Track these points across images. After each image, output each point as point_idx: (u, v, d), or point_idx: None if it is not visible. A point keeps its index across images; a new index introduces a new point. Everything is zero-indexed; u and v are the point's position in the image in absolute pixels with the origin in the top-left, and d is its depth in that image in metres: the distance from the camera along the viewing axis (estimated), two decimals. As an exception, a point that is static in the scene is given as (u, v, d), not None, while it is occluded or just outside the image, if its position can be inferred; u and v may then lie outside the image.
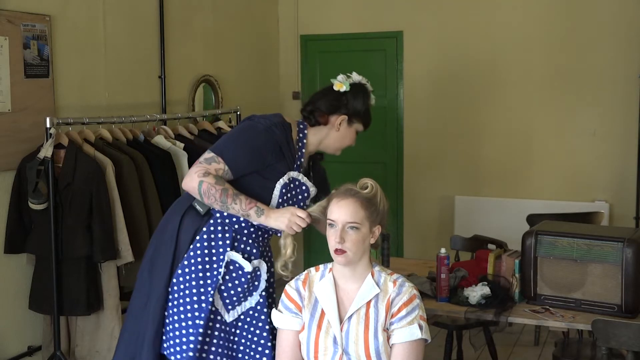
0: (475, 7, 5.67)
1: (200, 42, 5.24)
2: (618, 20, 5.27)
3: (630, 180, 5.24)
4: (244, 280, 2.59)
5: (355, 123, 2.72)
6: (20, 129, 3.78)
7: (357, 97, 2.70)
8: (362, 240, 2.28)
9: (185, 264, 2.59)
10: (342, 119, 2.69)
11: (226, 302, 2.59)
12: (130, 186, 3.90)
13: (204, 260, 2.58)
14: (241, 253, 2.61)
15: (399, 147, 6.03)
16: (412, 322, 2.26)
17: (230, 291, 2.59)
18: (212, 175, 2.51)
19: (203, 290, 2.56)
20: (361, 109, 2.70)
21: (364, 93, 2.71)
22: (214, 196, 2.50)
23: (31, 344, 3.90)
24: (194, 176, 2.52)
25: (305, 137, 2.71)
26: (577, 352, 3.59)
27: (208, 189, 2.49)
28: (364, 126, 2.75)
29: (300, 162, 2.69)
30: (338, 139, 2.73)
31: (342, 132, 2.72)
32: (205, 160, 2.55)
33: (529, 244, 3.14)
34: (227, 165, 2.54)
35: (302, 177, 2.70)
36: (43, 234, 3.67)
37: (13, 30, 3.74)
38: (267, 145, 2.58)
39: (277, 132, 2.60)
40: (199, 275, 2.57)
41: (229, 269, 2.59)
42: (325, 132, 2.73)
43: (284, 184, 2.61)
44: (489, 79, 5.67)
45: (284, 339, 2.38)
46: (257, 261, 2.63)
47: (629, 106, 5.24)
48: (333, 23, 6.13)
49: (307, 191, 2.71)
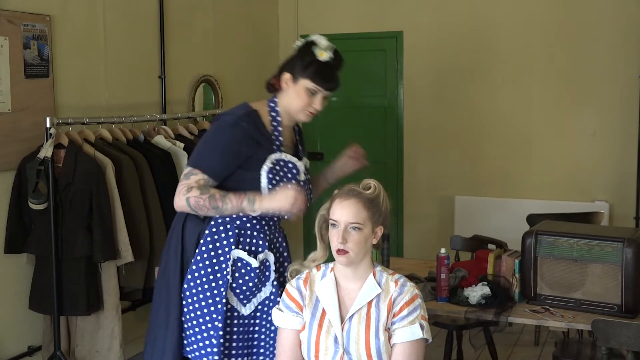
0: (475, 7, 5.67)
1: (200, 42, 5.24)
2: (618, 21, 5.27)
3: (630, 180, 5.24)
4: (253, 275, 2.60)
5: (300, 79, 2.61)
6: (20, 129, 3.78)
7: (298, 52, 2.64)
8: (364, 240, 2.28)
9: (193, 269, 2.59)
10: (286, 78, 2.63)
11: (240, 297, 2.60)
12: (130, 186, 3.90)
13: (212, 262, 2.58)
14: (248, 248, 2.61)
15: (398, 147, 6.02)
16: (414, 322, 2.26)
17: (242, 287, 2.59)
18: (195, 188, 2.50)
19: (216, 291, 2.57)
20: (302, 63, 2.60)
21: (309, 47, 2.62)
22: (205, 206, 2.50)
23: (31, 344, 3.90)
24: (180, 196, 2.53)
25: (278, 113, 2.67)
26: (577, 352, 3.59)
27: (196, 202, 2.49)
28: (313, 82, 2.60)
29: (279, 141, 2.64)
30: (290, 100, 2.64)
31: (290, 92, 2.63)
32: (185, 176, 2.55)
33: (529, 244, 3.14)
34: (206, 174, 2.52)
35: (286, 156, 2.65)
36: (43, 234, 3.67)
37: (13, 30, 3.74)
38: (238, 140, 2.55)
39: (243, 123, 2.57)
40: (209, 277, 2.58)
41: (236, 266, 2.59)
42: (282, 97, 2.67)
43: (269, 169, 2.57)
44: (489, 79, 5.67)
45: (284, 338, 2.38)
46: (263, 254, 2.62)
47: (629, 106, 5.24)
48: (333, 23, 6.13)
49: (295, 167, 2.67)
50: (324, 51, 2.61)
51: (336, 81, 2.65)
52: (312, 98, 2.62)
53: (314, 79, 2.59)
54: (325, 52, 2.61)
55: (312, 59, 2.60)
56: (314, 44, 2.62)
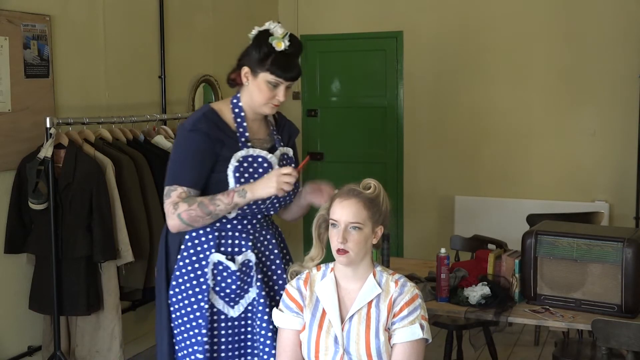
0: (475, 7, 5.67)
1: (200, 42, 5.24)
2: (618, 21, 5.27)
3: (630, 180, 5.24)
4: (235, 277, 2.56)
5: (260, 72, 2.51)
6: (20, 129, 3.78)
7: (254, 44, 2.52)
8: (364, 240, 2.28)
9: (177, 274, 2.58)
10: (245, 72, 2.54)
11: (226, 300, 2.57)
12: (130, 186, 3.90)
13: (193, 267, 2.56)
14: (230, 250, 2.57)
15: (398, 147, 6.02)
16: (414, 322, 2.26)
17: (226, 290, 2.57)
18: (180, 202, 2.46)
19: (200, 296, 2.55)
20: (257, 56, 2.49)
21: (264, 38, 2.50)
22: (198, 216, 2.46)
23: (31, 344, 3.90)
24: (171, 216, 2.49)
25: (241, 108, 2.59)
26: (577, 352, 3.59)
27: (188, 215, 2.46)
28: (273, 74, 2.50)
29: (245, 137, 2.56)
30: (252, 94, 2.55)
31: (251, 86, 2.54)
32: (166, 196, 2.50)
33: (529, 244, 3.14)
34: (184, 186, 2.47)
35: (254, 151, 2.56)
36: (43, 234, 3.67)
37: (13, 30, 3.74)
38: (200, 144, 2.48)
39: (201, 125, 2.49)
40: (192, 282, 2.56)
41: (217, 270, 2.56)
42: (244, 92, 2.58)
43: (235, 168, 2.51)
44: (489, 79, 5.67)
45: (284, 338, 2.38)
46: (242, 255, 2.58)
47: (629, 106, 5.24)
48: (333, 23, 6.13)
49: (266, 161, 2.57)
50: (280, 40, 2.50)
51: (297, 69, 2.56)
52: (274, 90, 2.54)
53: (274, 71, 2.50)
54: (282, 41, 2.50)
55: (269, 50, 2.49)
56: (270, 34, 2.51)
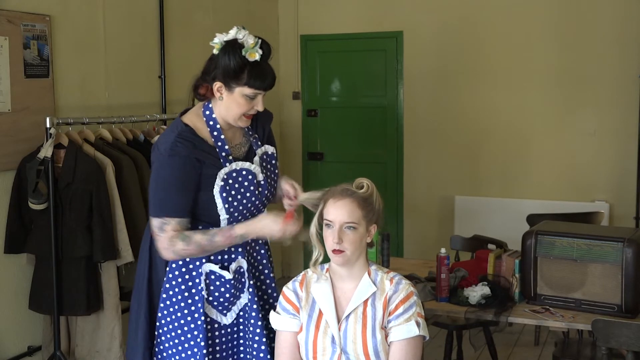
0: (475, 7, 5.67)
1: (200, 42, 5.24)
2: (618, 21, 5.27)
3: (630, 180, 5.24)
4: (229, 286, 2.51)
5: (235, 87, 2.39)
6: (20, 129, 3.78)
7: (224, 57, 2.37)
8: (359, 239, 2.28)
9: (167, 287, 2.50)
10: (217, 87, 2.41)
11: (219, 308, 2.52)
12: (130, 186, 3.90)
13: (184, 279, 2.49)
14: (220, 258, 2.51)
15: (398, 147, 6.02)
16: (410, 320, 2.26)
17: (220, 298, 2.51)
18: (176, 240, 2.36)
19: (193, 307, 2.48)
20: (232, 70, 2.36)
21: (234, 49, 2.36)
22: (194, 254, 2.41)
23: (31, 344, 3.90)
24: (165, 249, 2.40)
25: (216, 120, 2.47)
26: (577, 352, 3.59)
27: (185, 253, 2.39)
28: (250, 87, 2.39)
29: (225, 151, 2.45)
30: (228, 109, 2.43)
31: (226, 101, 2.42)
32: (159, 229, 2.39)
33: (529, 244, 3.14)
34: (175, 217, 2.37)
35: (236, 164, 2.46)
36: (43, 234, 3.67)
37: (13, 30, 3.74)
38: (181, 169, 2.37)
39: (178, 148, 2.37)
40: (185, 294, 2.48)
41: (210, 280, 2.50)
42: (218, 106, 2.46)
43: (221, 187, 2.41)
44: (489, 79, 5.67)
45: (282, 340, 2.38)
46: (235, 264, 2.52)
47: (629, 106, 5.24)
48: (333, 23, 6.13)
49: (250, 173, 2.48)
50: (254, 51, 2.37)
51: (272, 75, 2.44)
52: (252, 102, 2.43)
53: (252, 84, 2.39)
54: (255, 52, 2.38)
55: (242, 63, 2.37)
56: (239, 44, 2.37)
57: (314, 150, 6.25)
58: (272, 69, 2.45)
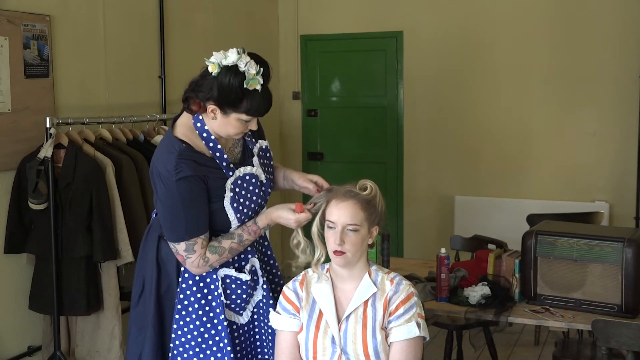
0: (475, 7, 5.67)
1: (200, 42, 5.24)
2: (618, 20, 5.27)
3: (630, 180, 5.24)
4: (245, 287, 2.52)
5: (231, 113, 2.34)
6: (20, 129, 3.78)
7: (223, 84, 2.31)
8: (361, 241, 2.28)
9: (181, 298, 2.46)
10: (213, 109, 2.35)
11: (236, 310, 2.52)
12: (130, 186, 3.90)
13: (199, 287, 2.46)
14: (232, 260, 2.50)
15: (398, 147, 6.03)
16: (410, 320, 2.26)
17: (237, 300, 2.51)
18: (209, 255, 2.39)
19: (212, 314, 2.46)
20: (231, 99, 2.31)
21: (235, 77, 2.30)
22: (228, 259, 2.45)
23: (31, 344, 3.90)
24: (198, 268, 2.37)
25: (209, 132, 2.42)
26: (577, 352, 3.59)
27: (220, 262, 2.43)
28: (247, 114, 2.34)
29: (225, 161, 2.42)
30: (220, 127, 2.39)
31: (220, 121, 2.37)
32: (186, 251, 2.37)
33: (529, 244, 3.14)
34: (199, 235, 2.37)
35: (239, 171, 2.44)
36: (43, 234, 3.67)
37: (13, 30, 3.74)
38: (192, 189, 2.34)
39: (183, 169, 2.33)
40: (201, 302, 2.46)
41: (226, 284, 2.49)
42: (210, 123, 2.40)
43: (231, 198, 2.40)
44: (489, 79, 5.67)
45: (282, 340, 2.38)
46: (249, 266, 2.53)
47: (629, 106, 5.24)
48: (333, 23, 6.13)
49: (254, 176, 2.48)
50: (255, 81, 2.32)
51: (270, 100, 2.38)
52: (247, 124, 2.39)
53: (249, 112, 2.35)
54: (257, 82, 2.32)
55: (242, 94, 2.31)
56: (240, 72, 2.32)
57: (314, 150, 6.25)
58: (271, 93, 2.40)
